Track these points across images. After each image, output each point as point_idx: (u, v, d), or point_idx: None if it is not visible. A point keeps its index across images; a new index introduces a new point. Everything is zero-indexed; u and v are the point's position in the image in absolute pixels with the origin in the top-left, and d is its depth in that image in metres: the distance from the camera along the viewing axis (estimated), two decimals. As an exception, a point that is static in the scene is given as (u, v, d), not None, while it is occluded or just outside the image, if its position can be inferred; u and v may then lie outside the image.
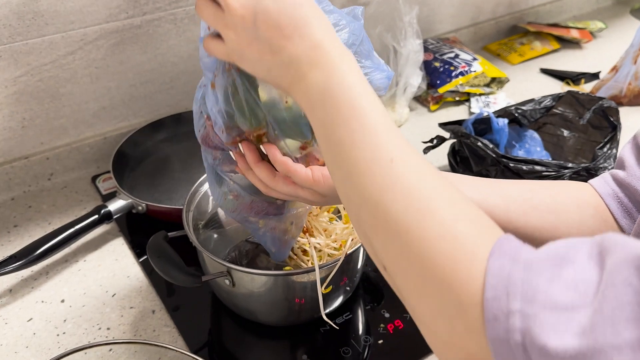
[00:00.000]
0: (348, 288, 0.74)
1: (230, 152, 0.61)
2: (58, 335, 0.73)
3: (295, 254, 0.73)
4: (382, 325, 0.74)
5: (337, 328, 0.73)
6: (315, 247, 0.71)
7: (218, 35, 0.49)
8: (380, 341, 0.72)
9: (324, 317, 0.65)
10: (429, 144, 0.94)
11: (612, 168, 0.82)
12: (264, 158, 0.58)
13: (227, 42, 0.47)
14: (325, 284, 0.66)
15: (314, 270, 0.65)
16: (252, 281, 0.67)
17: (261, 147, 0.57)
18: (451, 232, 0.36)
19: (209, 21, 0.48)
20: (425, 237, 0.37)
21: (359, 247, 0.69)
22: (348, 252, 0.67)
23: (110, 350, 0.71)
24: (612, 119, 0.91)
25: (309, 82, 0.44)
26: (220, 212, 0.78)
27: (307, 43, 0.43)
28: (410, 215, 0.38)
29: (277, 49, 0.44)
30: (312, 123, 0.45)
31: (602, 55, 1.45)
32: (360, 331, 0.74)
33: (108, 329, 0.74)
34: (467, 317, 0.34)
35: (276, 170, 0.57)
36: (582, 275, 0.31)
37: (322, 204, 0.60)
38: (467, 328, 0.34)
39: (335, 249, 0.72)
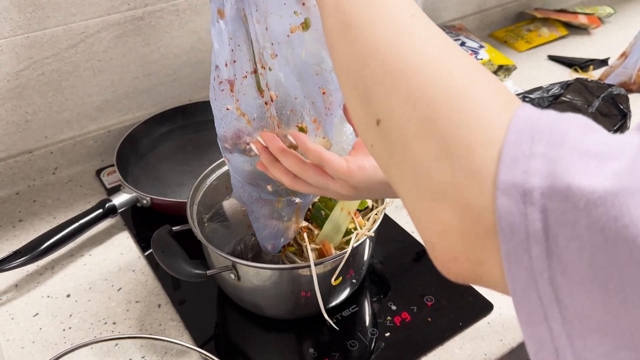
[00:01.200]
0: (354, 281, 0.73)
1: (252, 145, 0.59)
2: (64, 330, 0.73)
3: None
4: (389, 317, 0.74)
5: (337, 329, 0.72)
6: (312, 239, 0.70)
7: None
8: (387, 334, 0.71)
9: (325, 316, 0.65)
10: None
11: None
12: None
13: None
14: (335, 276, 0.66)
15: (320, 263, 0.64)
16: (258, 275, 0.67)
17: (288, 136, 0.56)
18: (474, 78, 0.32)
19: None
20: (443, 84, 0.32)
21: (365, 239, 0.68)
22: (354, 245, 0.66)
23: (116, 345, 0.70)
24: (621, 107, 0.89)
25: None
26: (225, 205, 0.77)
27: None
28: (426, 64, 0.33)
29: None
30: None
31: (610, 41, 1.42)
32: (367, 324, 0.73)
33: (114, 323, 0.74)
34: (477, 160, 0.29)
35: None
36: (616, 137, 0.28)
37: (351, 198, 0.57)
38: (474, 172, 0.29)
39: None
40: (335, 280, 0.66)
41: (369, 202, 0.74)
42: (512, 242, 0.26)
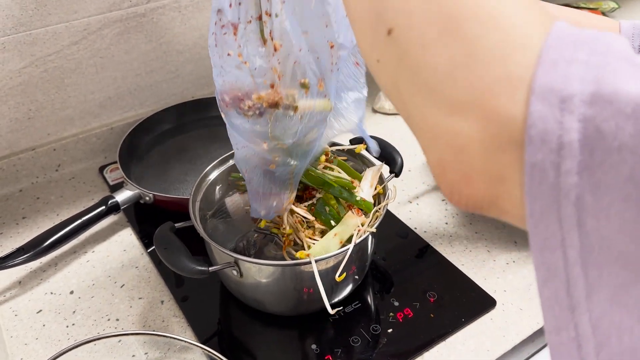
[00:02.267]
0: (357, 277, 0.73)
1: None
2: (67, 326, 0.74)
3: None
4: (391, 314, 0.73)
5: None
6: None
7: None
8: (390, 330, 0.71)
9: (329, 309, 0.65)
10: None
11: None
12: None
13: None
14: (338, 272, 0.66)
15: (322, 259, 0.64)
16: (260, 271, 0.67)
17: (289, 95, 0.56)
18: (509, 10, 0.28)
19: None
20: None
21: (367, 235, 0.68)
22: (357, 242, 0.66)
23: (120, 341, 0.71)
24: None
25: None
26: (228, 202, 0.77)
27: None
28: None
29: None
30: None
31: (614, 36, 1.42)
32: (370, 320, 0.73)
33: (117, 319, 0.74)
34: (510, 62, 0.26)
35: None
36: None
37: None
38: (506, 75, 0.25)
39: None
40: (339, 276, 0.66)
41: (370, 198, 0.74)
42: (541, 153, 0.23)
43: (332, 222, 0.70)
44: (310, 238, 0.69)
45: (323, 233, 0.71)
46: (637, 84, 0.21)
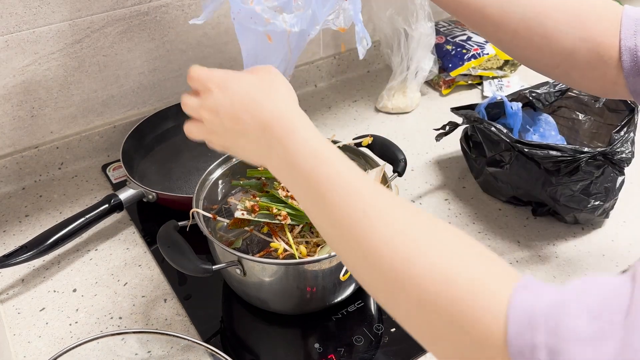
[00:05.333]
0: (360, 276, 0.73)
1: None
2: (70, 324, 0.74)
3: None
4: (394, 313, 0.73)
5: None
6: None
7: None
8: (393, 329, 0.71)
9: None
10: (442, 131, 0.92)
11: (630, 151, 0.80)
12: None
13: (212, 143, 0.56)
14: (343, 271, 0.66)
15: (325, 259, 0.64)
16: (263, 270, 0.67)
17: None
18: (464, 278, 0.35)
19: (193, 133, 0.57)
20: (434, 290, 0.35)
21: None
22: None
23: (123, 339, 0.71)
24: (629, 102, 0.89)
25: (274, 156, 0.49)
26: (231, 201, 0.77)
27: (259, 122, 0.49)
28: (403, 264, 0.37)
29: (242, 133, 0.51)
30: (293, 195, 0.49)
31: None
32: (373, 319, 0.73)
33: (120, 318, 0.74)
34: (490, 354, 0.33)
35: None
36: (606, 300, 0.30)
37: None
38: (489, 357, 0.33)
39: None
40: (343, 275, 0.66)
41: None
42: None
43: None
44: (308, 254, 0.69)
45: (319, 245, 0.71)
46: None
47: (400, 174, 0.78)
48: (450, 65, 1.19)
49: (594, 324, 0.29)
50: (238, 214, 0.69)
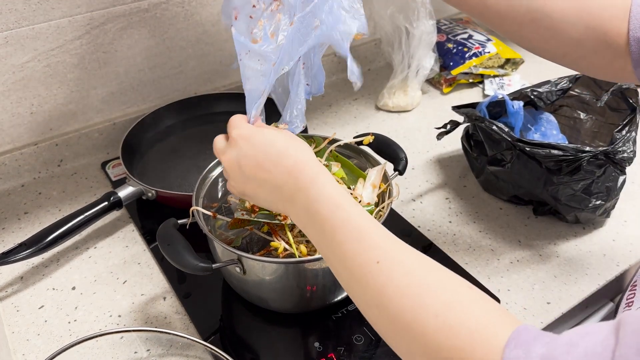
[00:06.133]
0: (360, 275, 0.73)
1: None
2: (69, 322, 0.73)
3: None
4: (394, 312, 0.73)
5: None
6: None
7: None
8: (393, 328, 0.71)
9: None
10: (443, 130, 0.92)
11: (631, 151, 0.79)
12: None
13: (231, 188, 0.59)
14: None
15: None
16: (263, 269, 0.67)
17: None
18: (468, 323, 0.38)
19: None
20: (431, 331, 0.39)
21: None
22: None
23: (122, 337, 0.70)
24: (631, 101, 0.88)
25: (296, 204, 0.52)
26: (231, 199, 0.77)
27: (283, 170, 0.52)
28: (410, 313, 0.40)
29: (263, 182, 0.54)
30: (310, 239, 0.52)
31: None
32: (373, 318, 0.73)
33: (119, 316, 0.74)
34: None
35: None
36: (594, 355, 0.32)
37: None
38: None
39: None
40: None
41: (374, 198, 0.74)
42: None
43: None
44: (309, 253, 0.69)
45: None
46: None
47: (401, 173, 0.78)
48: (451, 63, 1.19)
49: None
50: (238, 215, 0.69)
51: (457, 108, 0.94)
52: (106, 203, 0.83)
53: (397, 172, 0.78)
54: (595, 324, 0.35)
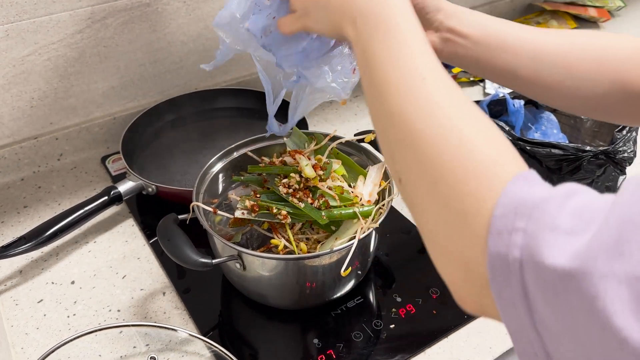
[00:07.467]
0: (360, 272, 0.73)
1: None
2: (68, 316, 0.73)
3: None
4: (393, 309, 0.73)
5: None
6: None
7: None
8: (392, 325, 0.71)
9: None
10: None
11: (632, 151, 0.80)
12: None
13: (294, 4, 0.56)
14: (344, 267, 0.65)
15: (325, 254, 0.64)
16: (263, 265, 0.67)
17: None
18: (475, 153, 0.37)
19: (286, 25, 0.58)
20: (446, 153, 0.38)
21: (371, 231, 0.68)
22: (361, 237, 0.66)
23: (121, 332, 0.70)
24: (631, 101, 0.88)
25: (355, 4, 0.48)
26: (231, 194, 0.77)
27: None
28: (433, 131, 0.39)
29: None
30: (352, 42, 0.49)
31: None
32: (372, 315, 0.73)
33: (118, 310, 0.74)
34: (471, 229, 0.35)
35: None
36: (591, 203, 0.32)
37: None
38: (469, 238, 0.35)
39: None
40: (344, 271, 0.65)
41: (374, 195, 0.74)
42: (502, 299, 0.33)
43: (332, 227, 0.70)
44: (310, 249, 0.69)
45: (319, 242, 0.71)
46: (553, 257, 0.30)
47: (402, 170, 0.78)
48: (452, 61, 1.18)
49: (574, 220, 0.31)
50: (238, 214, 0.69)
51: (458, 106, 0.94)
52: (106, 197, 0.83)
53: (397, 170, 0.78)
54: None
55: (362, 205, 0.71)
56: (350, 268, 0.67)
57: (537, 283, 0.31)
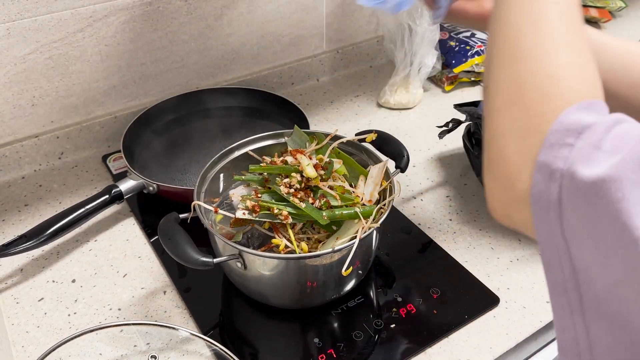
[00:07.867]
0: (360, 272, 0.73)
1: None
2: (69, 315, 0.73)
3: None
4: (394, 309, 0.73)
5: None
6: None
7: None
8: (393, 325, 0.71)
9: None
10: (445, 128, 0.92)
11: None
12: None
13: None
14: (345, 267, 0.65)
15: (326, 254, 0.64)
16: (264, 264, 0.67)
17: None
18: (557, 73, 0.40)
19: None
20: (535, 73, 0.41)
21: (372, 231, 0.68)
22: (362, 237, 0.66)
23: (121, 331, 0.70)
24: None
25: None
26: (232, 194, 0.77)
27: None
28: (534, 50, 0.42)
29: None
30: None
31: (622, 35, 1.41)
32: (372, 315, 0.73)
33: (119, 309, 0.74)
34: (530, 140, 0.38)
35: None
36: (634, 130, 0.35)
37: None
38: (528, 148, 0.39)
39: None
40: (345, 271, 0.65)
41: (375, 195, 0.74)
42: (539, 205, 0.36)
43: (334, 227, 0.70)
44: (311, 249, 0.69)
45: (321, 241, 0.71)
46: (591, 168, 0.33)
47: (403, 170, 0.78)
48: (453, 61, 1.18)
49: (615, 141, 0.34)
50: (239, 214, 0.69)
51: (458, 106, 0.94)
52: (107, 196, 0.83)
53: (398, 170, 0.78)
54: None
55: (363, 205, 0.71)
56: (351, 268, 0.67)
57: (571, 191, 0.34)
